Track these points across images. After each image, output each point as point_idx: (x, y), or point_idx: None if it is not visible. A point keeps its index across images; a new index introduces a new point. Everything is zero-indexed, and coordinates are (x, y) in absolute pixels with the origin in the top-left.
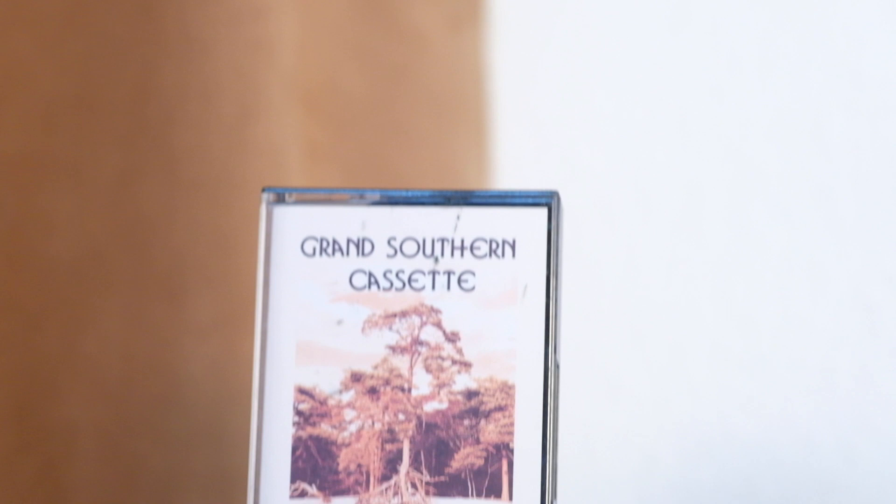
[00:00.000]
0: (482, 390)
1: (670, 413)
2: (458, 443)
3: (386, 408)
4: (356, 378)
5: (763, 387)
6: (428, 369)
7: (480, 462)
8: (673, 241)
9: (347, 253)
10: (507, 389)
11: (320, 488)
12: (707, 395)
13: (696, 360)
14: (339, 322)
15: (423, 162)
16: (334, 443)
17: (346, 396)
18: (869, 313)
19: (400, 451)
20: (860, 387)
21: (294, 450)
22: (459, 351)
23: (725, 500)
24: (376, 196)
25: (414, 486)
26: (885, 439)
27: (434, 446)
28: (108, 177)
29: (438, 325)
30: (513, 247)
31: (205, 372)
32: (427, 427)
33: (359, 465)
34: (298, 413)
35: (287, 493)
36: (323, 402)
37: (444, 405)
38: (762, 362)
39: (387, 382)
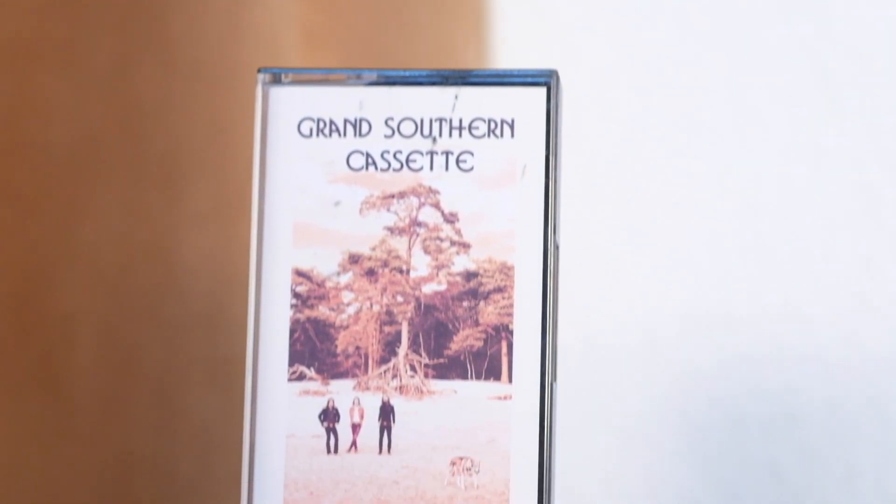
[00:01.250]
0: (481, 271)
1: (670, 296)
2: (456, 325)
3: (384, 290)
4: (354, 260)
5: (763, 269)
6: (426, 251)
7: (479, 344)
8: (673, 122)
9: (345, 133)
10: (506, 270)
11: (318, 371)
12: (707, 278)
13: (696, 242)
14: (337, 203)
15: (421, 45)
16: (332, 325)
17: (344, 278)
18: (870, 196)
19: (398, 334)
20: (861, 269)
21: (292, 333)
22: (458, 232)
23: (725, 383)
24: (373, 76)
25: (413, 368)
26: (886, 322)
27: (433, 328)
28: (104, 62)
29: (437, 205)
30: (511, 126)
31: (203, 259)
32: (426, 309)
33: (357, 348)
34: (296, 295)
35: (285, 376)
36: (321, 285)
37: (443, 287)
38: (762, 245)
39: (385, 264)
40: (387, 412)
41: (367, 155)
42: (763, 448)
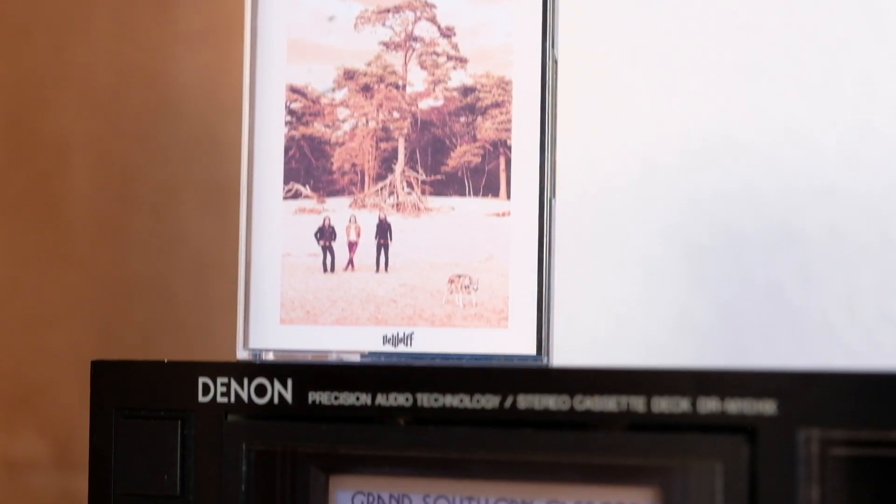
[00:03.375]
0: (478, 86)
1: (671, 118)
2: (454, 140)
3: (380, 105)
4: (349, 76)
5: (765, 91)
6: (422, 65)
7: (477, 160)
8: None
9: None
10: (503, 85)
11: (314, 189)
12: (708, 101)
13: (697, 64)
14: (331, 18)
15: None
16: (328, 142)
17: (339, 95)
18: (873, 17)
19: (395, 150)
20: (863, 91)
21: (287, 150)
22: (455, 46)
23: (725, 206)
24: None
25: (410, 185)
26: (887, 143)
27: (430, 144)
28: None
29: (433, 19)
30: None
31: (197, 80)
32: (422, 125)
33: (353, 165)
34: (290, 112)
35: (280, 194)
36: (315, 101)
37: (440, 102)
38: (764, 67)
39: (380, 80)
40: (384, 230)
41: None
42: (764, 271)
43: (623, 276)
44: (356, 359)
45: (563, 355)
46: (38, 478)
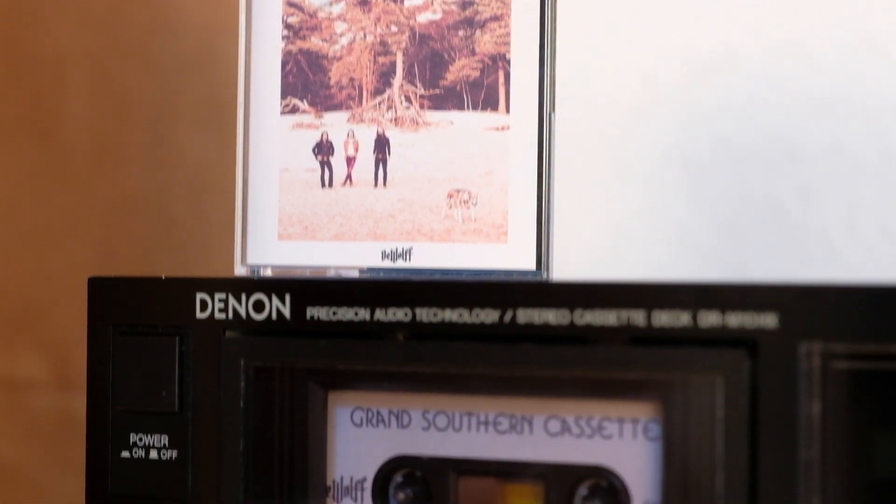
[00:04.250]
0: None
1: (671, 32)
2: (452, 54)
3: (378, 19)
4: None
5: (766, 6)
6: None
7: (476, 74)
8: None
9: None
10: None
11: (312, 104)
12: (709, 15)
13: None
14: None
15: None
16: (325, 56)
17: (337, 8)
18: None
19: (393, 64)
20: (864, 5)
21: (284, 65)
22: None
23: (726, 122)
24: None
25: (408, 99)
26: (889, 58)
27: (428, 58)
28: None
29: None
30: None
31: None
32: (420, 38)
33: (351, 79)
34: (287, 27)
35: (278, 109)
36: (312, 15)
37: (438, 15)
38: None
39: None
40: (382, 145)
41: None
42: (764, 186)
43: (622, 192)
44: (355, 274)
45: (563, 271)
46: (38, 397)
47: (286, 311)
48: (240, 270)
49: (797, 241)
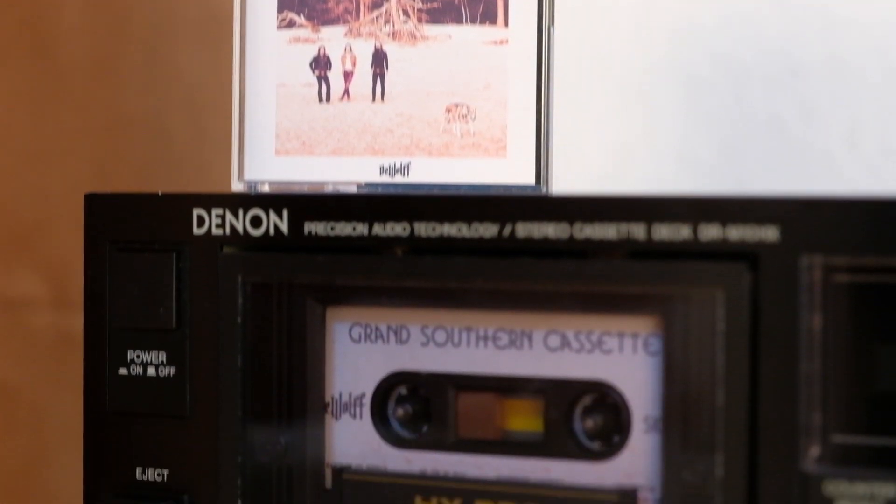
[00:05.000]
0: None
1: None
2: None
3: None
4: None
5: None
6: None
7: None
8: None
9: None
10: None
11: (308, 18)
12: None
13: None
14: None
15: None
16: None
17: None
18: None
19: None
20: None
21: None
22: None
23: (726, 39)
24: None
25: (406, 13)
26: None
27: None
28: None
29: None
30: None
31: None
32: None
33: None
34: None
35: (274, 24)
36: None
37: None
38: None
39: None
40: (380, 59)
41: None
42: (765, 104)
43: (622, 108)
44: (353, 190)
45: (562, 189)
46: (36, 317)
47: (284, 227)
48: (237, 186)
49: (798, 158)
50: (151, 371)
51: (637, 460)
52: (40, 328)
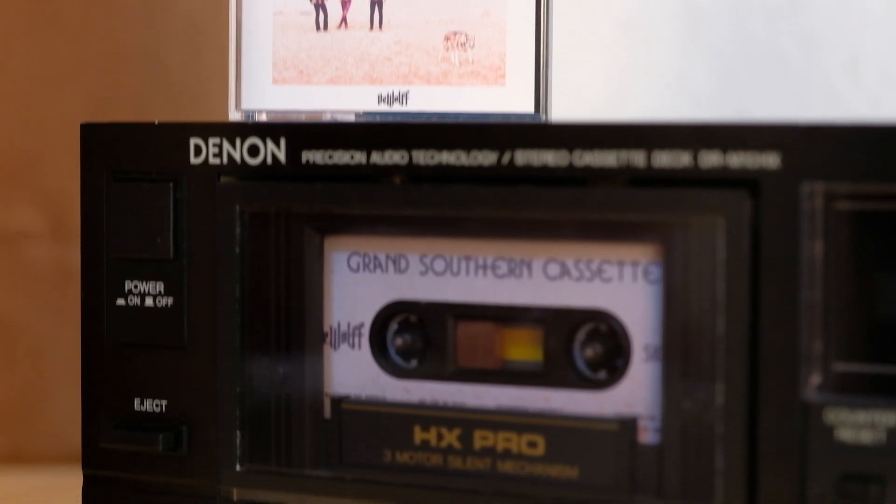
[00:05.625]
0: None
1: None
2: None
3: None
4: None
5: None
6: None
7: None
8: None
9: None
10: None
11: None
12: None
13: None
14: None
15: None
16: None
17: None
18: None
19: None
20: None
21: None
22: None
23: None
24: None
25: None
26: None
27: None
28: None
29: None
30: None
31: None
32: None
33: None
34: None
35: None
36: None
37: None
38: None
39: None
40: None
41: None
42: (765, 34)
43: (622, 37)
44: (351, 118)
45: (561, 116)
46: (34, 249)
47: (281, 156)
48: (234, 116)
49: (798, 87)
50: (149, 301)
51: (637, 389)
52: (38, 261)
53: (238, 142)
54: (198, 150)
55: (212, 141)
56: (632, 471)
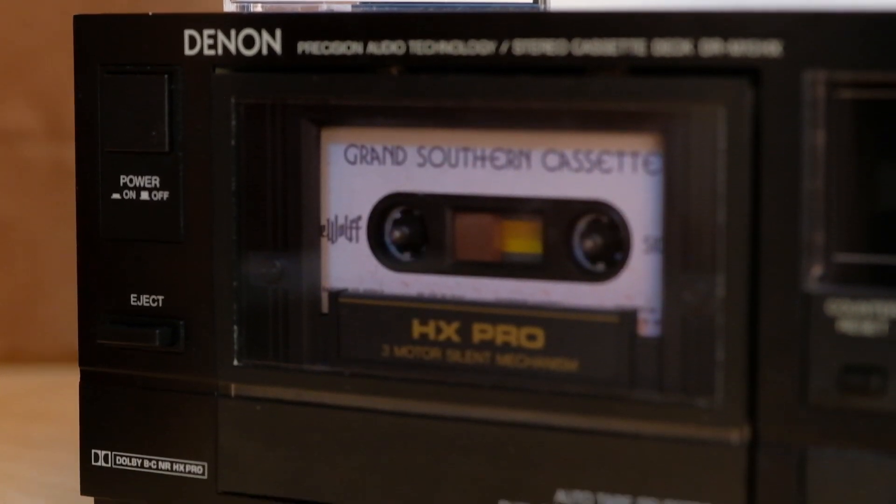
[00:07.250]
0: None
1: None
2: None
3: None
4: None
5: None
6: None
7: None
8: None
9: None
10: None
11: None
12: None
13: None
14: None
15: None
16: None
17: None
18: None
19: None
20: None
21: None
22: None
23: None
24: None
25: None
26: None
27: None
28: None
29: None
30: None
31: None
32: None
33: None
34: None
35: None
36: None
37: None
38: None
39: None
40: None
41: None
42: None
43: None
44: (347, 8)
45: (560, 3)
46: (30, 147)
47: (277, 47)
48: (229, 6)
49: None
50: (145, 195)
51: (637, 281)
52: (34, 159)
53: (233, 33)
54: (192, 42)
55: (206, 32)
56: (632, 363)
